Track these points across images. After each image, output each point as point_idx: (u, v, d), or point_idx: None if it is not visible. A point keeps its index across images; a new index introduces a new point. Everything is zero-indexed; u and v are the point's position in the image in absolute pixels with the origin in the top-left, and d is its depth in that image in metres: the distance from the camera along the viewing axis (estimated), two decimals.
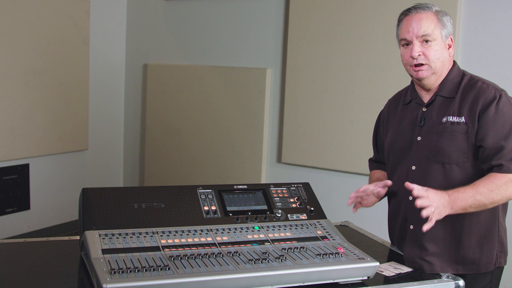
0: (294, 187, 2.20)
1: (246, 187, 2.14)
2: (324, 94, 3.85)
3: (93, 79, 4.64)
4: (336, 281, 1.80)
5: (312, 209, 2.12)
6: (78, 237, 2.02)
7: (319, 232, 2.01)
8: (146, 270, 1.63)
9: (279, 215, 2.06)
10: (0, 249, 2.05)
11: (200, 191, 2.08)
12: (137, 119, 5.00)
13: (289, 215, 2.07)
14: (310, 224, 2.06)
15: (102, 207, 1.92)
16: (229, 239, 1.90)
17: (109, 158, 4.99)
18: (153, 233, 1.87)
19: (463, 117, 1.98)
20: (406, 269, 1.99)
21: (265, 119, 4.17)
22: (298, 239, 1.96)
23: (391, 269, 1.97)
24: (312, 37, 3.88)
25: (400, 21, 2.07)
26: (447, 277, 1.93)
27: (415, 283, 1.88)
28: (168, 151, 4.71)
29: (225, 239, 1.90)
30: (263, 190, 2.14)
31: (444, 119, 2.01)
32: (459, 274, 1.97)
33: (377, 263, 1.82)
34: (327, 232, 2.02)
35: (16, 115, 4.02)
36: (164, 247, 1.81)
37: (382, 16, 3.58)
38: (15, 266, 1.91)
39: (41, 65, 4.16)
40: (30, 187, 4.23)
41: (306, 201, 2.15)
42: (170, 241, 1.84)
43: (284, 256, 1.80)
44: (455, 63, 2.10)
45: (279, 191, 2.16)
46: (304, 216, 2.09)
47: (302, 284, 1.77)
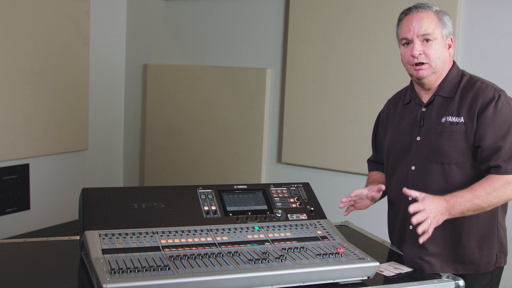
0: (294, 187, 2.20)
1: (246, 187, 2.14)
2: (324, 94, 3.85)
3: (93, 79, 4.64)
4: (336, 281, 1.80)
5: (312, 209, 2.12)
6: (78, 237, 2.02)
7: (319, 232, 2.01)
8: (146, 270, 1.63)
9: (279, 215, 2.06)
10: (0, 249, 2.05)
11: (200, 191, 2.08)
12: (137, 119, 5.00)
13: (289, 215, 2.07)
14: (310, 224, 2.06)
15: (102, 207, 1.92)
16: (229, 239, 1.90)
17: (109, 158, 4.99)
18: (153, 233, 1.87)
19: (462, 117, 1.97)
20: (406, 269, 1.99)
21: (265, 119, 4.17)
22: (298, 239, 1.96)
23: (391, 269, 1.97)
24: (312, 37, 3.88)
25: (401, 20, 2.07)
26: (447, 277, 1.93)
27: (415, 283, 1.88)
28: (168, 151, 4.71)
29: (225, 239, 1.90)
30: (263, 190, 2.14)
31: (443, 119, 2.01)
32: (459, 274, 1.97)
33: (377, 263, 1.82)
34: (327, 232, 2.02)
35: (16, 115, 4.02)
36: (164, 247, 1.81)
37: (382, 16, 3.58)
38: (15, 266, 1.92)
39: (41, 65, 4.16)
40: (30, 187, 4.22)
41: (306, 201, 2.15)
42: (170, 241, 1.84)
43: (284, 256, 1.80)
44: (454, 63, 2.10)
45: (279, 191, 2.16)
46: (304, 216, 2.09)
47: (302, 284, 1.77)
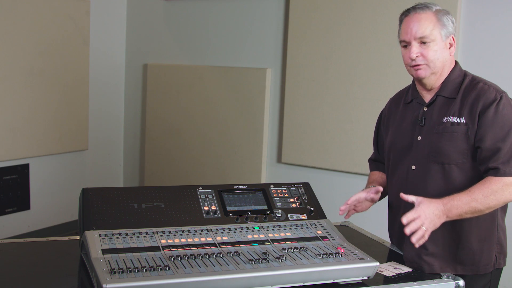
0: (294, 187, 2.20)
1: (246, 187, 2.14)
2: (324, 94, 3.85)
3: (93, 79, 4.64)
4: (336, 281, 1.80)
5: (312, 209, 2.12)
6: (78, 237, 2.02)
7: (319, 232, 2.01)
8: (146, 270, 1.63)
9: (279, 215, 2.06)
10: (0, 249, 2.05)
11: (200, 191, 2.07)
12: (137, 119, 5.00)
13: (289, 215, 2.07)
14: (310, 224, 2.06)
15: (102, 207, 1.92)
16: (229, 239, 1.90)
17: (109, 158, 4.99)
18: (153, 233, 1.87)
19: (463, 117, 1.97)
20: (406, 269, 1.99)
21: (265, 119, 4.17)
22: (298, 239, 1.96)
23: (391, 269, 1.97)
24: (312, 37, 3.88)
25: (401, 22, 2.07)
26: (447, 277, 1.92)
27: (415, 283, 1.88)
28: (168, 151, 4.71)
29: (225, 239, 1.90)
30: (263, 190, 2.14)
31: (445, 119, 2.00)
32: (458, 274, 1.97)
33: (377, 263, 1.82)
34: (327, 232, 2.02)
35: (16, 115, 4.02)
36: (164, 247, 1.81)
37: (382, 16, 3.58)
38: (15, 266, 1.92)
39: (41, 65, 4.16)
40: (30, 187, 4.22)
41: (306, 201, 2.15)
42: (170, 241, 1.84)
43: (284, 256, 1.80)
44: (457, 64, 2.09)
45: (279, 191, 2.16)
46: (304, 216, 2.09)
47: (302, 284, 1.77)
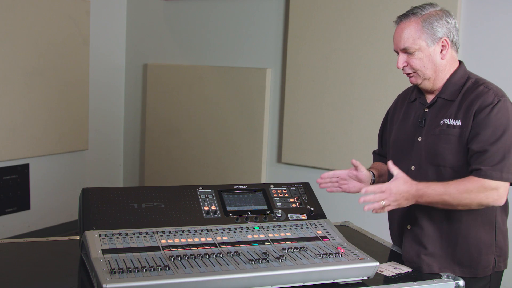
0: (294, 187, 2.20)
1: (246, 187, 2.14)
2: (324, 94, 3.85)
3: (93, 79, 4.64)
4: (336, 281, 1.80)
5: (312, 209, 2.12)
6: (78, 237, 2.02)
7: (319, 232, 2.01)
8: (146, 270, 1.63)
9: (279, 215, 2.06)
10: (0, 249, 2.05)
11: (200, 191, 2.07)
12: (137, 119, 5.00)
13: (289, 215, 2.07)
14: (310, 224, 2.06)
15: (102, 207, 1.92)
16: (229, 239, 1.90)
17: (109, 158, 4.99)
18: (153, 233, 1.87)
19: (459, 120, 1.95)
20: (406, 269, 1.99)
21: (265, 119, 4.17)
22: (298, 239, 1.96)
23: (391, 269, 1.97)
24: (312, 37, 3.88)
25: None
26: (447, 277, 1.92)
27: (415, 283, 1.88)
28: (168, 151, 4.71)
29: (225, 239, 1.90)
30: (263, 190, 2.14)
31: (442, 121, 1.99)
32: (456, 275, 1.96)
33: (377, 263, 1.82)
34: (327, 232, 2.02)
35: (16, 115, 4.02)
36: (164, 247, 1.81)
37: (382, 16, 3.58)
38: (15, 266, 1.92)
39: (41, 65, 4.16)
40: (30, 187, 4.22)
41: (306, 201, 2.15)
42: (170, 241, 1.84)
43: (284, 256, 1.80)
44: (461, 65, 2.06)
45: (279, 191, 2.16)
46: (304, 216, 2.09)
47: (302, 284, 1.77)
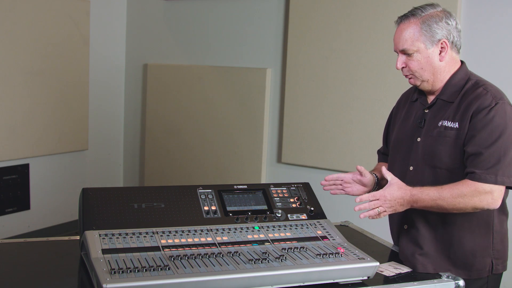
0: (294, 187, 2.20)
1: (246, 187, 2.14)
2: (324, 94, 3.85)
3: (93, 79, 4.64)
4: (336, 281, 1.80)
5: (312, 209, 2.12)
6: (78, 237, 2.02)
7: (319, 232, 2.01)
8: (146, 270, 1.63)
9: (279, 215, 2.06)
10: (0, 249, 2.05)
11: (200, 191, 2.07)
12: (137, 119, 5.00)
13: (289, 215, 2.07)
14: (310, 224, 2.06)
15: (102, 207, 1.92)
16: (229, 239, 1.90)
17: (109, 158, 4.99)
18: (153, 233, 1.87)
19: (457, 122, 1.95)
20: (406, 269, 1.99)
21: (265, 119, 4.17)
22: (298, 239, 1.96)
23: (391, 269, 1.97)
24: (312, 37, 3.88)
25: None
26: (447, 277, 1.92)
27: (415, 283, 1.88)
28: (168, 151, 4.71)
29: (225, 239, 1.90)
30: (263, 190, 2.14)
31: (440, 123, 1.99)
32: None
33: (377, 263, 1.82)
34: (327, 232, 2.02)
35: (16, 115, 4.02)
36: (164, 247, 1.81)
37: (382, 16, 3.58)
38: (15, 266, 1.92)
39: (41, 65, 4.16)
40: (30, 187, 4.22)
41: (306, 201, 2.15)
42: (170, 241, 1.84)
43: (284, 256, 1.80)
44: (462, 66, 2.05)
45: (279, 191, 2.16)
46: (304, 216, 2.09)
47: (302, 284, 1.77)
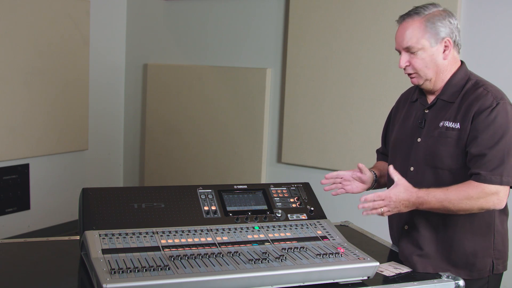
0: (294, 187, 2.20)
1: (246, 187, 2.14)
2: (324, 94, 3.85)
3: (93, 79, 4.64)
4: (336, 281, 1.80)
5: (312, 209, 2.12)
6: (78, 237, 2.02)
7: (319, 232, 2.01)
8: (146, 270, 1.63)
9: (279, 215, 2.06)
10: (0, 249, 2.05)
11: (200, 191, 2.07)
12: (137, 119, 5.00)
13: (289, 215, 2.07)
14: (310, 224, 2.06)
15: (102, 207, 1.92)
16: (229, 239, 1.90)
17: (109, 158, 4.99)
18: (153, 233, 1.87)
19: (458, 123, 1.94)
20: (406, 269, 1.98)
21: (265, 119, 4.17)
22: (298, 239, 1.96)
23: (391, 269, 1.97)
24: (312, 37, 3.88)
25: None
26: (447, 277, 1.92)
27: (415, 283, 1.88)
28: (168, 151, 4.71)
29: (225, 239, 1.90)
30: (263, 190, 2.14)
31: (441, 123, 1.98)
32: None
33: (377, 263, 1.82)
34: (327, 232, 2.02)
35: (16, 115, 4.02)
36: (164, 247, 1.81)
37: (382, 16, 3.58)
38: (15, 266, 1.92)
39: (41, 65, 4.16)
40: (30, 187, 4.22)
41: (306, 201, 2.15)
42: (170, 241, 1.84)
43: (284, 256, 1.80)
44: (462, 65, 2.05)
45: (279, 191, 2.16)
46: (304, 216, 2.09)
47: (302, 284, 1.77)
